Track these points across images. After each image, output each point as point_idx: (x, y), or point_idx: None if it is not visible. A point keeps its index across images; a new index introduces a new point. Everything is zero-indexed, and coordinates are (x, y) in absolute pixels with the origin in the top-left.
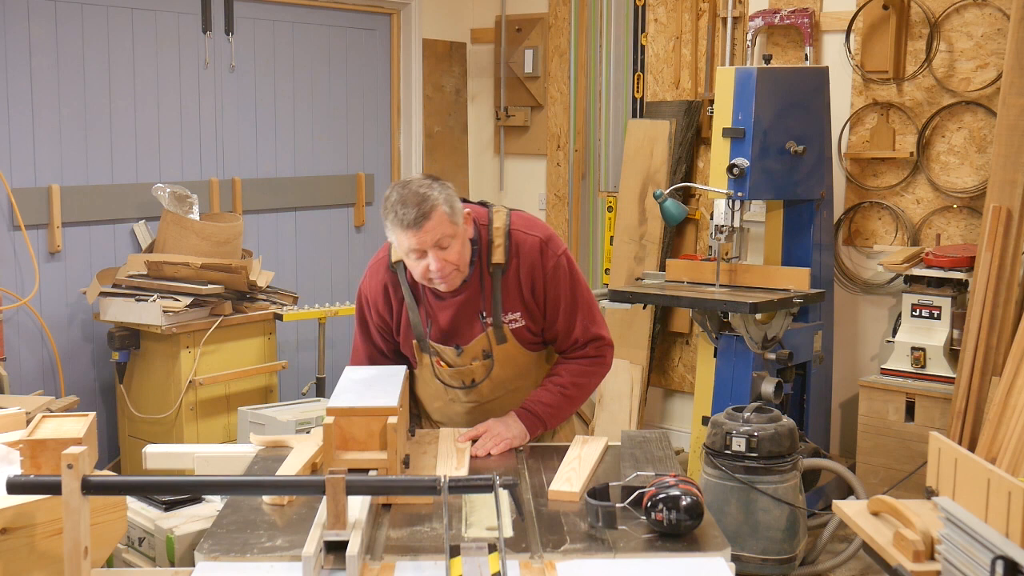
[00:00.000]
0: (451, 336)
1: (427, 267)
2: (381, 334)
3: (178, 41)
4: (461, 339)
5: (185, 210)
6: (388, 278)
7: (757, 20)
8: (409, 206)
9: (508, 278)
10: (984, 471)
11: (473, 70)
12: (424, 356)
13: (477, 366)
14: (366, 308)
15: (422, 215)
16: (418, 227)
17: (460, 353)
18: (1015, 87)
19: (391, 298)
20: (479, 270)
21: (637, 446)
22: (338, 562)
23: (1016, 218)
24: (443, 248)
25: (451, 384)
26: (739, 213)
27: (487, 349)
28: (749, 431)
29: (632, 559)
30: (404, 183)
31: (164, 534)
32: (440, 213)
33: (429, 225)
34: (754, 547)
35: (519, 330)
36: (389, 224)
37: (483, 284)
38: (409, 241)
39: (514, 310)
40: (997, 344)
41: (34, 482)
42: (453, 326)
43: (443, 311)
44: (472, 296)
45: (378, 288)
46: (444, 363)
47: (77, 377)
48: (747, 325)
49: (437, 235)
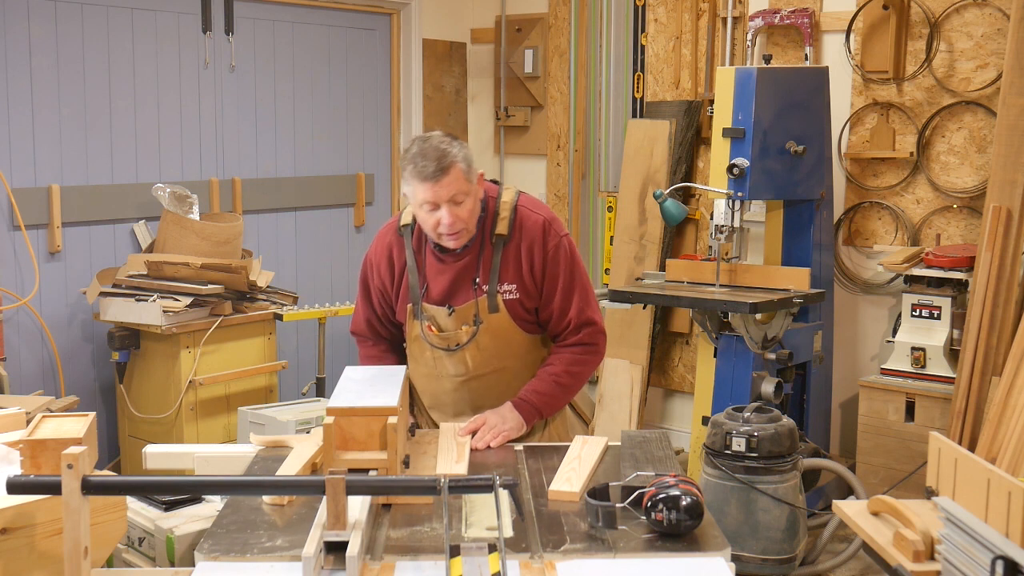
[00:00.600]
0: (445, 299)
1: (438, 220)
2: (380, 299)
3: (178, 41)
4: (455, 302)
5: (185, 210)
6: (394, 241)
7: (757, 20)
8: (429, 159)
9: (508, 250)
10: (984, 471)
11: (473, 70)
12: (416, 324)
13: (465, 331)
14: (369, 272)
15: (440, 169)
16: (435, 180)
17: (451, 314)
18: (1015, 87)
19: (394, 261)
20: (480, 238)
21: (637, 446)
22: (338, 562)
23: (1016, 218)
24: (456, 204)
25: (437, 345)
26: (739, 213)
27: (477, 315)
28: (749, 431)
29: (632, 559)
30: (425, 137)
31: (164, 534)
32: (458, 170)
33: (446, 180)
34: (754, 547)
35: (512, 303)
36: (407, 175)
37: (483, 252)
38: (425, 193)
39: (510, 282)
40: (997, 344)
41: (34, 482)
42: (449, 290)
43: (441, 274)
44: (470, 262)
45: (383, 251)
46: (435, 328)
47: (77, 377)
48: (747, 325)
49: (453, 190)
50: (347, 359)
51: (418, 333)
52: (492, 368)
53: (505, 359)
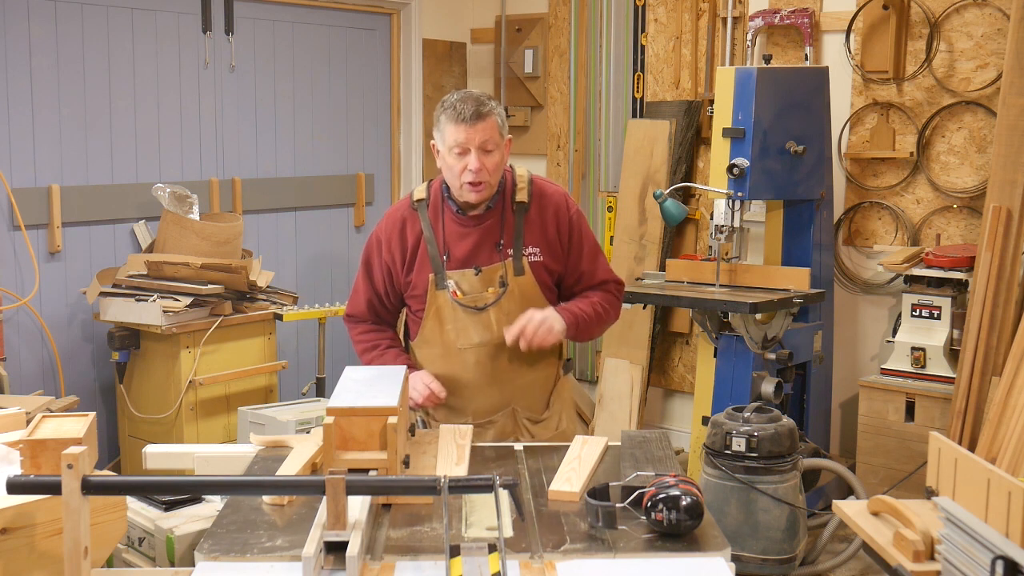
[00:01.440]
0: (469, 262)
1: (465, 166)
2: (385, 278)
3: (178, 41)
4: (480, 263)
5: (185, 210)
6: (408, 215)
7: (757, 20)
8: (468, 104)
9: (530, 216)
10: (984, 471)
11: (473, 70)
12: (439, 295)
13: (492, 292)
14: (375, 249)
15: (478, 114)
16: (472, 124)
17: (478, 274)
18: (1015, 87)
19: (407, 234)
20: (502, 204)
21: (637, 446)
22: (338, 562)
23: (1016, 218)
24: (486, 152)
25: (467, 305)
26: (739, 213)
27: (504, 276)
28: (749, 431)
29: (632, 559)
30: (466, 89)
31: (164, 534)
32: (494, 119)
33: (482, 125)
34: (754, 547)
35: (537, 265)
36: (443, 119)
37: (504, 217)
38: (458, 135)
39: (535, 244)
40: (997, 344)
41: (34, 482)
42: (471, 254)
43: (463, 239)
44: (492, 226)
45: (394, 224)
46: (460, 292)
47: (77, 377)
48: (747, 325)
49: (486, 136)
50: (347, 359)
51: (441, 303)
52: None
53: None
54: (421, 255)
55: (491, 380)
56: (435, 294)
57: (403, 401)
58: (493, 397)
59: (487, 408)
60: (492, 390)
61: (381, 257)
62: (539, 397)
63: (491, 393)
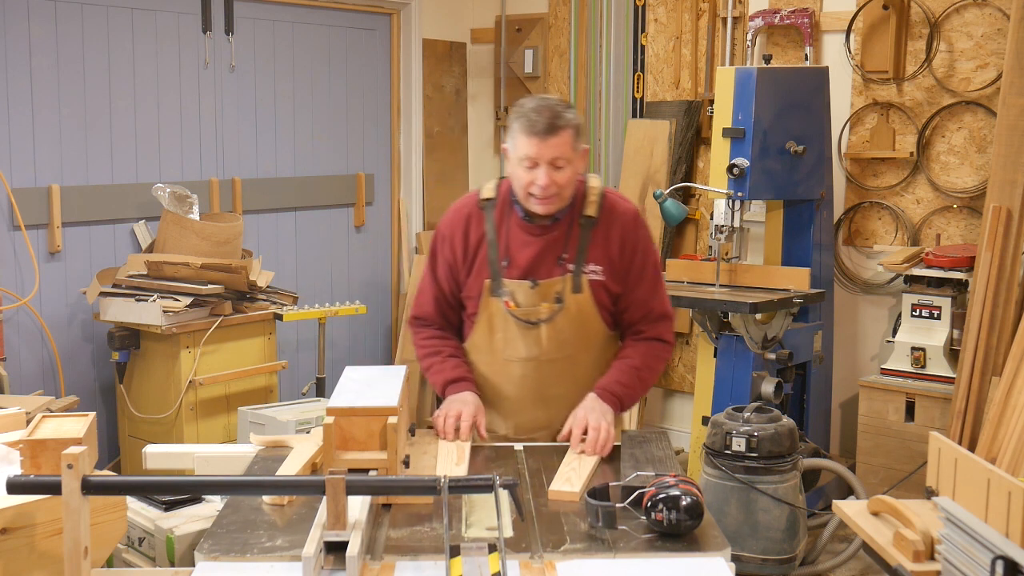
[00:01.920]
0: (528, 273)
1: (532, 180)
2: (448, 275)
3: (178, 41)
4: (538, 276)
5: (185, 210)
6: (473, 213)
7: (757, 20)
8: (542, 116)
9: (597, 232)
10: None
11: (473, 70)
12: (492, 302)
13: (546, 308)
14: (440, 245)
15: (552, 128)
16: (543, 138)
17: (534, 287)
18: (1015, 87)
19: (470, 232)
20: (570, 217)
21: (637, 446)
22: (338, 562)
23: (1016, 218)
24: (556, 168)
25: (520, 318)
26: (739, 213)
27: (560, 293)
28: (749, 431)
29: (632, 559)
30: (543, 96)
31: (164, 534)
32: (567, 135)
33: (554, 140)
34: (754, 547)
35: (596, 284)
36: (516, 127)
37: (571, 231)
38: (528, 148)
39: (597, 262)
40: (997, 344)
41: (34, 482)
42: (532, 264)
43: (525, 248)
44: (558, 238)
45: (459, 221)
46: (514, 303)
47: (77, 377)
48: (747, 325)
49: (556, 153)
50: (347, 359)
51: (493, 310)
52: (564, 354)
53: (578, 347)
54: (481, 258)
55: (535, 396)
56: (488, 300)
57: (403, 401)
58: (536, 414)
59: (529, 425)
60: (536, 407)
61: (444, 254)
62: None
63: (534, 410)
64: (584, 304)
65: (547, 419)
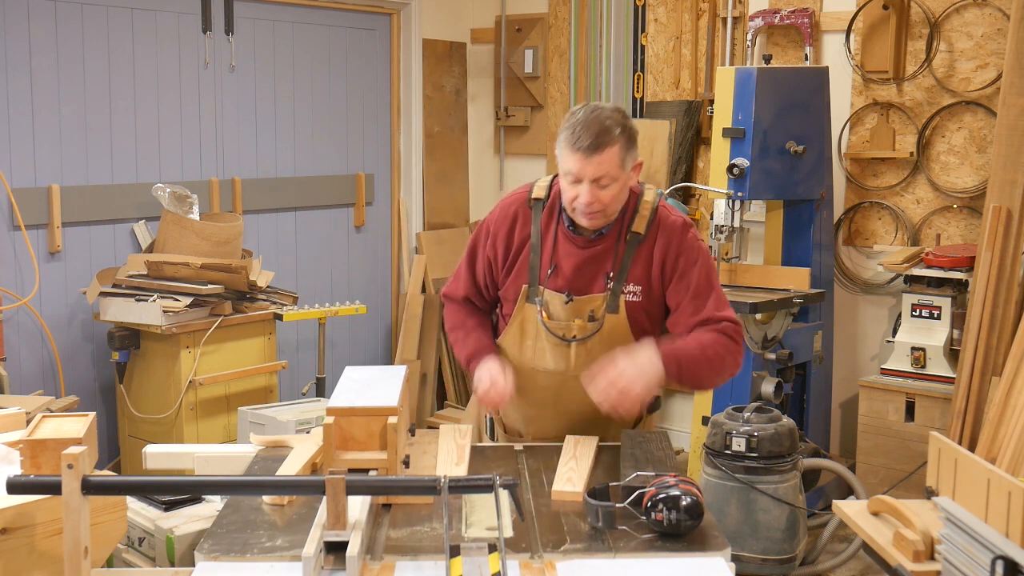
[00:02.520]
0: (567, 285)
1: (576, 195)
2: (486, 272)
3: (178, 41)
4: (576, 291)
5: (185, 210)
6: (521, 212)
7: (757, 20)
8: (588, 131)
9: (641, 250)
10: (984, 471)
11: (473, 70)
12: (528, 308)
13: (578, 325)
14: (483, 238)
15: (596, 146)
16: (586, 155)
17: (569, 302)
18: (1015, 87)
19: (515, 231)
20: (617, 231)
21: (637, 446)
22: (338, 562)
23: (1016, 218)
24: (601, 186)
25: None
26: (739, 213)
27: (595, 311)
28: (749, 431)
29: (632, 559)
30: (597, 107)
31: (164, 534)
32: (613, 153)
33: (598, 158)
34: (754, 547)
35: (633, 306)
36: (562, 138)
37: (616, 247)
38: (571, 164)
39: (636, 283)
40: (997, 344)
41: (34, 482)
42: (574, 276)
43: (568, 257)
44: (602, 253)
45: (507, 217)
46: (547, 315)
47: (77, 377)
48: (747, 325)
49: (600, 172)
50: (347, 359)
51: (528, 316)
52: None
53: None
54: (522, 260)
55: (558, 409)
56: (524, 306)
57: (403, 401)
58: (556, 424)
59: (549, 434)
60: (557, 419)
61: (485, 249)
62: (612, 436)
63: (554, 420)
64: (618, 325)
65: (568, 430)
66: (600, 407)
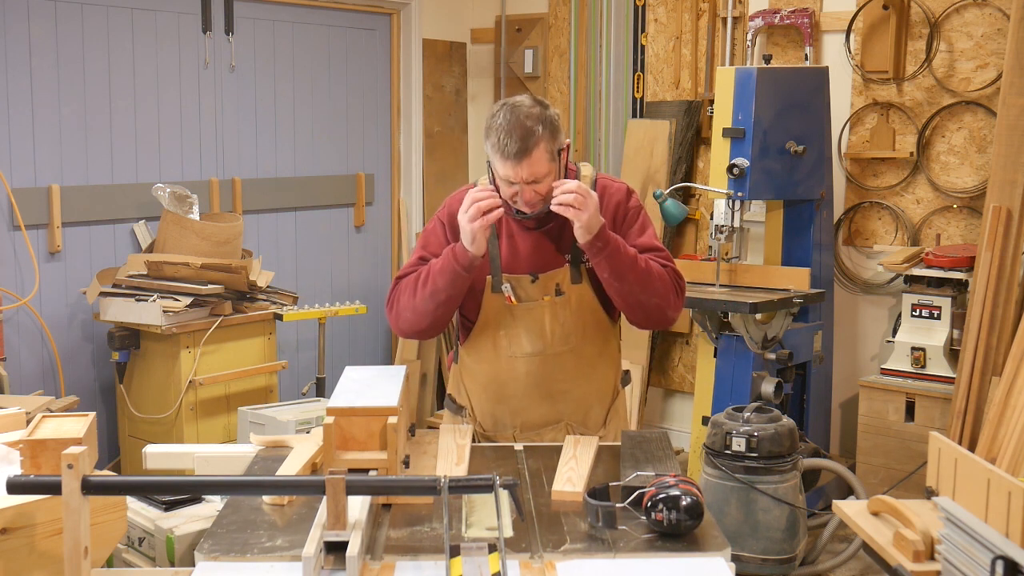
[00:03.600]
0: (527, 267)
1: (514, 193)
2: None
3: (178, 41)
4: (537, 269)
5: (185, 210)
6: None
7: (757, 20)
8: (513, 137)
9: None
10: (984, 471)
11: (473, 70)
12: (493, 298)
13: (548, 303)
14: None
15: (524, 150)
16: (517, 160)
17: (535, 281)
18: (1015, 87)
19: None
20: None
21: (637, 446)
22: (338, 562)
23: (1016, 218)
24: (535, 182)
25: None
26: (739, 213)
27: (560, 284)
28: (749, 431)
29: (632, 559)
30: (515, 105)
31: (164, 534)
32: (541, 150)
33: (527, 161)
34: (754, 547)
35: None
36: (490, 145)
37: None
38: (505, 171)
39: None
40: (997, 344)
41: (34, 482)
42: (533, 257)
43: (522, 242)
44: (553, 230)
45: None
46: (515, 299)
47: (77, 377)
48: (747, 325)
49: (532, 174)
50: (347, 359)
51: (495, 307)
52: (568, 347)
53: (582, 339)
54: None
55: (541, 392)
56: (490, 297)
57: (403, 401)
58: (543, 409)
59: (536, 421)
60: (543, 403)
61: (441, 240)
62: (595, 413)
63: (541, 405)
64: (585, 293)
65: (555, 414)
66: (559, 199)
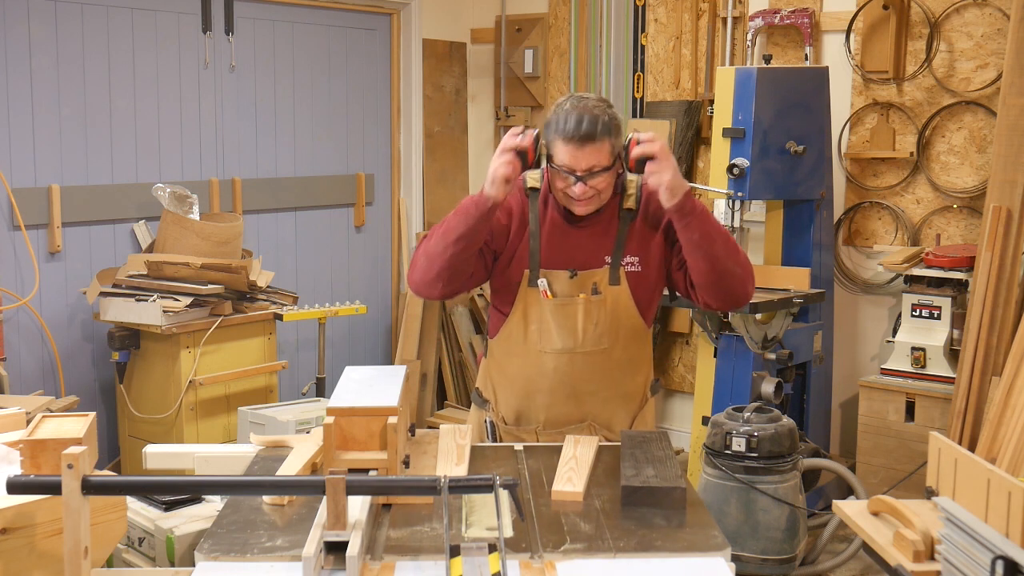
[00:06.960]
0: (567, 264)
1: (568, 185)
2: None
3: (178, 41)
4: (577, 267)
5: (185, 210)
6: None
7: (757, 20)
8: (580, 124)
9: (636, 224)
10: (984, 471)
11: (473, 70)
12: (530, 292)
13: (583, 300)
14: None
15: (590, 135)
16: (580, 145)
17: (573, 277)
18: (1015, 87)
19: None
20: (611, 209)
21: (637, 446)
22: (338, 562)
23: (1016, 218)
24: (593, 175)
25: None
26: (739, 213)
27: (598, 285)
28: (749, 431)
29: (632, 559)
30: (582, 97)
31: (164, 534)
32: (605, 143)
33: (592, 147)
34: (754, 547)
35: (634, 276)
36: (552, 130)
37: (610, 225)
38: (563, 157)
39: (634, 253)
40: (997, 344)
41: (34, 482)
42: (574, 254)
43: (564, 239)
44: (597, 232)
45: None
46: (551, 293)
47: (77, 377)
48: (747, 325)
49: (592, 162)
50: (347, 359)
51: (530, 300)
52: (599, 347)
53: (613, 341)
54: (522, 247)
55: (568, 390)
56: (526, 291)
57: (403, 401)
58: (568, 408)
59: (560, 419)
60: (568, 401)
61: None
62: (620, 418)
63: (566, 404)
64: (621, 296)
65: (579, 414)
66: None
